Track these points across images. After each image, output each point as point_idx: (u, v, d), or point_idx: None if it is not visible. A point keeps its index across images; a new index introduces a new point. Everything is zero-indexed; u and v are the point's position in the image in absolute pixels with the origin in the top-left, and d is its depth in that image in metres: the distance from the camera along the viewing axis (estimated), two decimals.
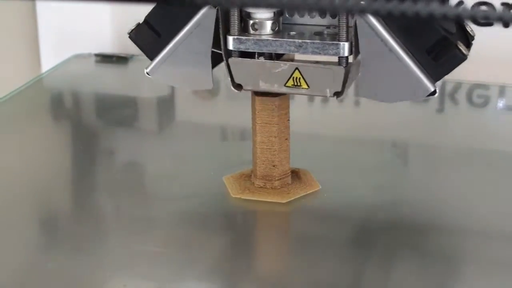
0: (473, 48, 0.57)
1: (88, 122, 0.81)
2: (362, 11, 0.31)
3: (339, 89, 0.55)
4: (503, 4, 0.84)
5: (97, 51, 0.93)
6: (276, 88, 0.56)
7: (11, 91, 0.83)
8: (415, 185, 0.65)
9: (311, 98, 0.82)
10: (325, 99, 0.81)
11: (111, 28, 0.95)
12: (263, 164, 0.60)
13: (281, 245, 0.59)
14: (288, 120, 0.60)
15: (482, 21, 0.32)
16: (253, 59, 0.56)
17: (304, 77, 0.55)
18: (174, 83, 0.58)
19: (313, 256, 0.55)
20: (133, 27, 0.58)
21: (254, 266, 0.57)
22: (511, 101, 0.83)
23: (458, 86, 0.84)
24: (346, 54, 0.54)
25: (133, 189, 0.65)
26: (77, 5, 0.96)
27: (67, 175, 0.70)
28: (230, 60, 0.56)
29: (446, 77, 0.81)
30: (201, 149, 0.71)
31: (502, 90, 0.83)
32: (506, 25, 0.31)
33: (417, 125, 0.77)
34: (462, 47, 0.53)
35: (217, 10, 0.55)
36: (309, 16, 0.57)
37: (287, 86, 0.56)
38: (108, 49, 0.95)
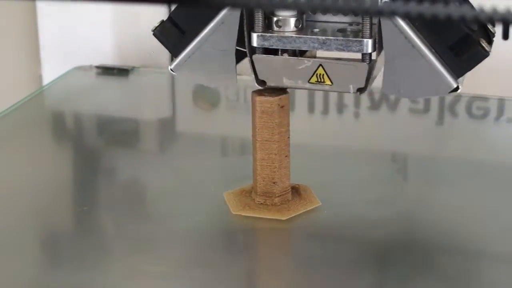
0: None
1: (89, 137, 0.80)
2: (393, 14, 0.32)
3: (362, 85, 0.55)
4: None
5: (98, 63, 0.93)
6: (300, 84, 0.56)
7: (12, 104, 0.82)
8: (416, 202, 0.64)
9: (311, 109, 0.82)
10: (325, 110, 0.82)
11: (112, 40, 0.95)
12: (263, 181, 0.60)
13: (281, 264, 0.59)
14: (288, 137, 0.60)
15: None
16: (277, 56, 0.56)
17: (328, 73, 0.55)
18: (198, 80, 0.58)
19: (313, 275, 0.55)
20: (157, 24, 0.58)
21: (254, 286, 0.57)
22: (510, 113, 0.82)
23: (457, 98, 0.83)
24: (369, 51, 0.54)
25: (133, 206, 0.64)
26: (78, 17, 0.95)
27: (67, 192, 0.69)
28: (254, 56, 0.56)
29: None
30: (202, 164, 0.70)
31: (501, 103, 0.83)
32: None
33: (417, 137, 0.77)
34: (484, 44, 0.53)
35: (241, 8, 0.55)
36: (331, 14, 0.57)
37: (311, 83, 0.56)
38: (109, 61, 0.94)
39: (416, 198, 0.65)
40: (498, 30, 0.57)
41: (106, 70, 0.91)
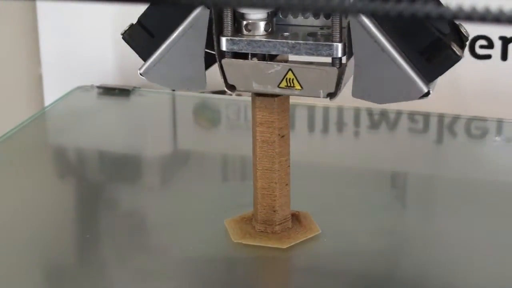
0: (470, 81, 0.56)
1: (90, 163, 0.78)
2: (358, 12, 0.30)
3: (332, 90, 0.54)
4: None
5: (99, 83, 0.92)
6: (269, 89, 0.55)
7: (14, 126, 0.81)
8: (416, 230, 0.63)
9: (311, 128, 0.81)
10: (325, 129, 0.81)
11: (113, 60, 0.94)
12: (264, 209, 0.60)
13: None
14: (289, 166, 0.59)
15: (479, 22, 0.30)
16: (246, 60, 0.55)
17: (298, 78, 0.54)
18: (168, 85, 0.57)
19: None
20: (126, 28, 0.56)
21: None
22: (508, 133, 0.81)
23: (456, 119, 0.82)
24: (339, 55, 0.53)
25: (133, 234, 0.63)
26: (79, 36, 0.95)
27: (67, 220, 0.68)
28: (223, 61, 0.55)
29: (445, 110, 0.82)
30: (202, 188, 0.70)
31: (499, 124, 0.81)
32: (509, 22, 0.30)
33: (416, 157, 0.76)
34: (455, 48, 0.51)
35: (211, 11, 0.53)
36: (302, 17, 0.56)
37: (280, 87, 0.54)
38: (110, 81, 0.93)
39: (416, 226, 0.64)
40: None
41: (108, 91, 0.90)
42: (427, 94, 0.52)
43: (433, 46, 0.51)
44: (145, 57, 0.56)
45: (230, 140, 0.81)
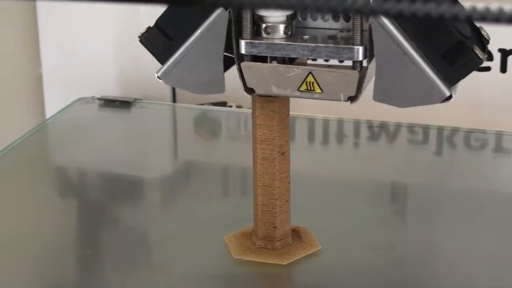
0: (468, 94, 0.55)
1: (90, 177, 0.77)
2: (372, 12, 0.30)
3: (353, 94, 0.53)
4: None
5: (100, 95, 0.90)
6: (289, 92, 0.54)
7: (16, 139, 0.80)
8: (416, 245, 0.63)
9: (311, 139, 0.80)
10: (325, 141, 0.80)
11: (114, 71, 0.93)
12: (264, 225, 0.59)
13: None
14: (289, 182, 0.59)
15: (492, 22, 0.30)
16: (265, 63, 0.54)
17: (318, 81, 0.53)
18: (186, 87, 0.56)
19: None
20: (143, 31, 0.55)
21: None
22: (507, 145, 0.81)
23: (455, 131, 0.81)
24: (360, 58, 0.52)
25: (133, 251, 0.62)
26: (80, 48, 0.94)
27: (68, 237, 0.67)
28: (242, 64, 0.54)
29: (444, 123, 0.81)
30: (203, 203, 0.69)
31: (499, 136, 0.81)
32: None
33: (416, 169, 0.75)
34: (478, 51, 0.50)
35: (229, 13, 0.53)
36: (322, 20, 0.55)
37: (300, 91, 0.53)
38: (111, 93, 0.92)
39: (416, 240, 0.64)
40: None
41: (108, 102, 0.89)
42: (450, 97, 0.51)
43: (455, 49, 0.51)
44: (162, 61, 0.55)
45: (231, 151, 0.81)
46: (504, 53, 0.83)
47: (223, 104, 0.91)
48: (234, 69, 0.55)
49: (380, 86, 0.52)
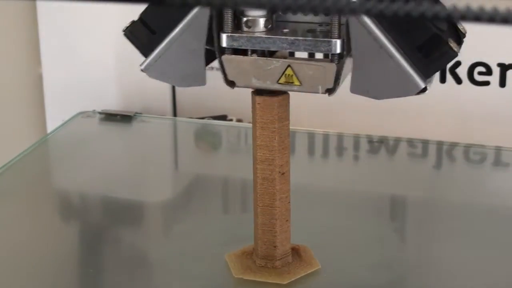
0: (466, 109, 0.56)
1: (91, 195, 0.77)
2: (353, 12, 0.30)
3: (331, 86, 0.53)
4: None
5: (101, 108, 0.91)
6: (268, 85, 0.55)
7: (18, 154, 0.80)
8: (416, 261, 0.63)
9: (311, 151, 0.80)
10: (324, 155, 0.80)
11: (115, 85, 0.94)
12: (264, 244, 0.60)
13: None
14: (289, 202, 0.59)
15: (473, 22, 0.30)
16: (246, 56, 0.54)
17: (296, 74, 0.54)
18: (169, 81, 0.57)
19: None
20: (127, 25, 0.56)
21: None
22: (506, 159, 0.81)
23: (453, 145, 0.82)
24: (338, 51, 0.52)
25: (133, 270, 0.62)
26: (82, 61, 0.94)
27: (69, 256, 0.67)
28: (223, 57, 0.54)
29: (443, 137, 0.82)
30: (204, 221, 0.69)
31: (498, 150, 0.81)
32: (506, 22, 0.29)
33: (415, 183, 0.76)
34: (453, 44, 0.51)
35: (210, 8, 0.53)
36: (302, 14, 0.56)
37: (280, 83, 0.54)
38: (112, 106, 0.93)
39: (417, 258, 0.64)
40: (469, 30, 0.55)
41: (109, 116, 0.90)
42: (424, 90, 0.52)
43: (431, 42, 0.51)
44: (146, 54, 0.56)
45: (231, 165, 0.81)
46: (503, 67, 0.84)
47: (224, 117, 0.92)
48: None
49: (357, 78, 0.53)
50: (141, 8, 0.56)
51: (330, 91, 0.54)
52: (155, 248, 0.66)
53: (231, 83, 0.55)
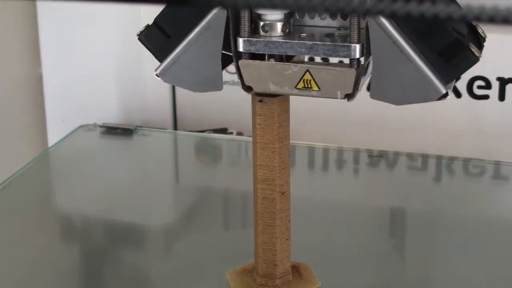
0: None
1: (91, 210, 0.76)
2: (367, 12, 0.29)
3: (350, 91, 0.52)
4: None
5: (102, 122, 0.90)
6: (286, 90, 0.53)
7: (19, 168, 0.79)
8: (416, 277, 0.63)
9: (311, 165, 0.79)
10: (324, 167, 0.79)
11: (116, 98, 0.93)
12: (264, 263, 0.59)
13: None
14: (289, 221, 0.59)
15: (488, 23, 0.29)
16: (263, 61, 0.53)
17: (315, 79, 0.53)
18: (184, 85, 0.55)
19: None
20: (142, 29, 0.55)
21: None
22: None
23: (452, 160, 0.81)
24: (357, 56, 0.51)
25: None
26: (82, 74, 0.93)
27: (70, 273, 0.66)
28: (240, 62, 0.53)
29: (442, 151, 0.81)
30: (204, 238, 0.69)
31: (497, 165, 0.81)
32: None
33: (415, 196, 0.75)
34: (474, 49, 0.50)
35: (227, 11, 0.52)
36: (319, 18, 0.55)
37: (298, 88, 0.53)
38: (113, 119, 0.92)
39: (417, 274, 0.63)
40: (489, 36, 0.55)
41: (110, 130, 0.89)
42: (446, 95, 0.51)
43: (452, 47, 0.50)
44: (161, 58, 0.55)
45: (232, 178, 0.80)
46: (503, 81, 0.83)
47: (224, 130, 0.91)
48: (235, 95, 0.55)
49: (377, 83, 0.52)
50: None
51: (349, 96, 0.52)
52: (155, 266, 0.65)
53: (248, 88, 0.54)
